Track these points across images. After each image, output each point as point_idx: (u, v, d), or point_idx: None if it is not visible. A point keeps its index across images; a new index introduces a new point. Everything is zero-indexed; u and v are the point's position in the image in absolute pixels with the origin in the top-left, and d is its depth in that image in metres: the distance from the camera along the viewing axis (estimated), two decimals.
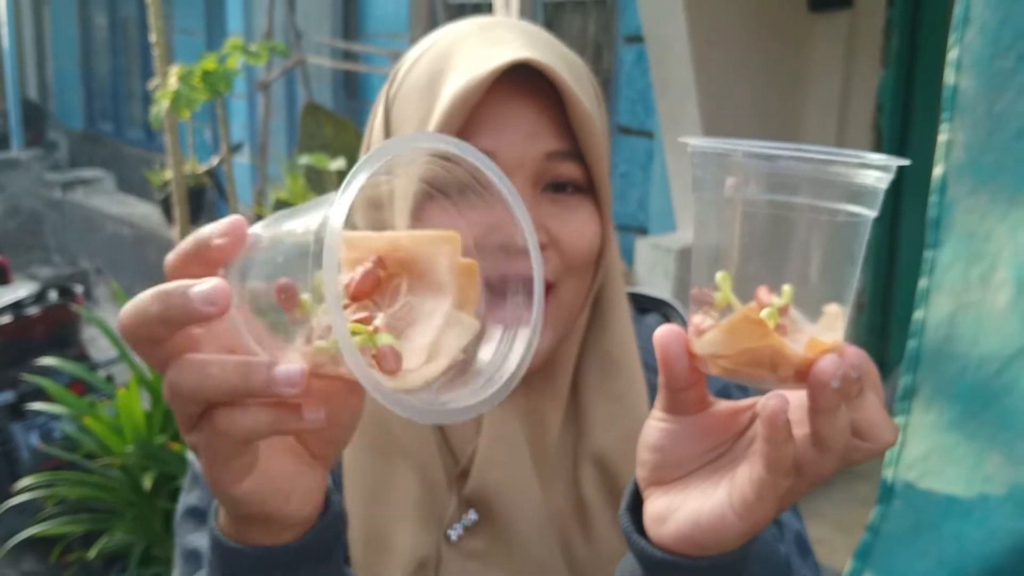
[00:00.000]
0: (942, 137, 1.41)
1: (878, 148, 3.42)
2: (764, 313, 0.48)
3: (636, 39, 4.07)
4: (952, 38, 1.38)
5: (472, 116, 0.69)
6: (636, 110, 4.26)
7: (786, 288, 0.49)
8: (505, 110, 0.70)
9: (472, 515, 0.72)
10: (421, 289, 0.46)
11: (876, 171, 0.49)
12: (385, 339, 0.43)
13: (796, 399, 0.49)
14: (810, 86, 3.37)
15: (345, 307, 0.44)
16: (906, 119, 3.43)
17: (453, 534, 0.72)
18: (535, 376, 0.75)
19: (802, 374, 0.48)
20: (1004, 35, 1.34)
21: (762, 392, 0.51)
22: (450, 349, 0.45)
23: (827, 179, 0.48)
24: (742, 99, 3.12)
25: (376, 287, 0.45)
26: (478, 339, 0.47)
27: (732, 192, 0.50)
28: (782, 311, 0.49)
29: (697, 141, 0.51)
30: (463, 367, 0.46)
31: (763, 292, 0.49)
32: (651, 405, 0.76)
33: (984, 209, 1.38)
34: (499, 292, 0.57)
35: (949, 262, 1.42)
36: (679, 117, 3.05)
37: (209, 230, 0.45)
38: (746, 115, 3.14)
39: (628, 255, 3.15)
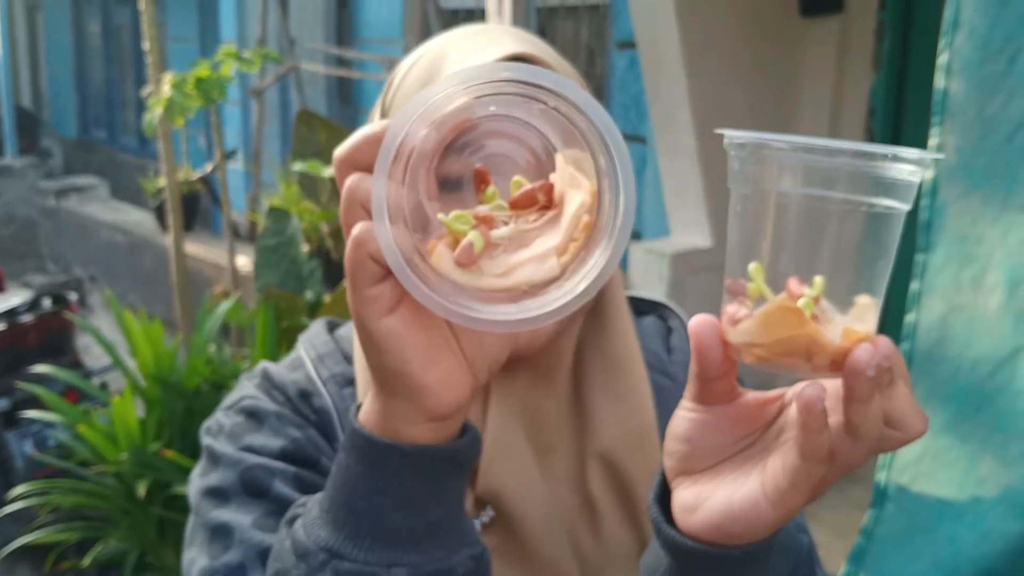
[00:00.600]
0: (933, 141, 1.41)
1: None
2: (801, 302, 0.49)
3: (629, 45, 4.08)
4: (942, 42, 1.38)
5: None
6: (629, 115, 4.27)
7: (817, 279, 0.49)
8: None
9: (489, 511, 0.73)
10: (550, 225, 0.50)
11: (911, 165, 0.49)
12: (473, 235, 0.48)
13: (830, 387, 0.50)
14: (802, 90, 3.39)
15: (502, 208, 0.50)
16: (898, 122, 3.44)
17: None
18: (533, 373, 0.75)
19: (837, 363, 0.49)
20: (994, 39, 1.34)
21: (790, 382, 0.52)
22: (530, 277, 0.49)
23: (862, 172, 0.49)
24: (735, 103, 3.13)
25: (530, 204, 0.50)
26: (551, 283, 0.49)
27: (767, 184, 0.50)
28: (814, 302, 0.49)
29: (734, 133, 0.52)
30: (522, 296, 0.49)
31: (793, 283, 0.50)
32: (655, 404, 0.77)
33: (975, 212, 1.38)
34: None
35: (941, 265, 1.42)
36: (672, 122, 3.06)
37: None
38: (739, 119, 3.15)
39: (622, 259, 3.15)
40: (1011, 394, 1.36)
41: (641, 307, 0.90)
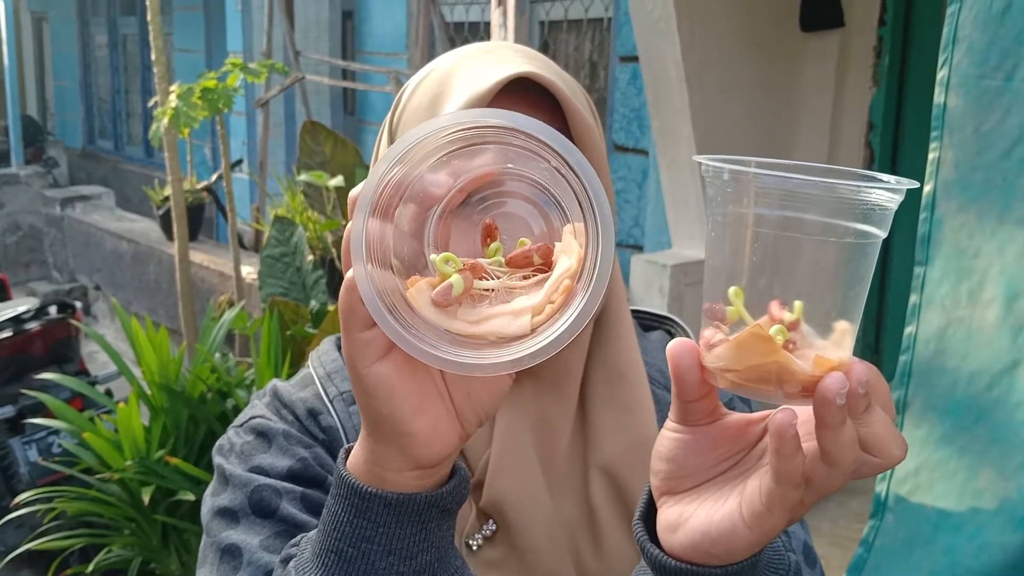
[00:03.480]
0: (932, 155, 1.43)
1: (870, 166, 3.46)
2: (772, 330, 0.49)
3: (631, 59, 4.11)
4: (941, 58, 1.40)
5: None
6: (631, 128, 4.29)
7: (797, 304, 0.50)
8: None
9: (491, 525, 0.73)
10: (538, 286, 0.52)
11: (887, 191, 0.50)
12: (455, 277, 0.49)
13: (806, 413, 0.50)
14: (802, 105, 3.41)
15: (500, 264, 0.52)
16: (897, 138, 3.46)
17: (473, 543, 0.73)
18: (543, 384, 0.76)
19: (809, 390, 0.49)
20: (992, 55, 1.37)
21: (771, 406, 0.52)
22: (501, 329, 0.50)
23: (838, 198, 0.49)
24: (735, 118, 3.15)
25: (526, 264, 0.52)
26: (519, 339, 0.50)
27: (743, 209, 0.51)
28: (792, 326, 0.50)
29: (708, 159, 0.52)
30: (488, 347, 0.50)
31: (775, 307, 0.50)
32: (658, 417, 0.77)
33: (973, 226, 1.40)
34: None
35: (939, 278, 1.44)
36: (673, 135, 3.08)
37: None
38: (739, 133, 3.17)
39: (623, 272, 3.17)
40: (1008, 406, 1.37)
41: (648, 321, 0.90)
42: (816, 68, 3.38)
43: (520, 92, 0.71)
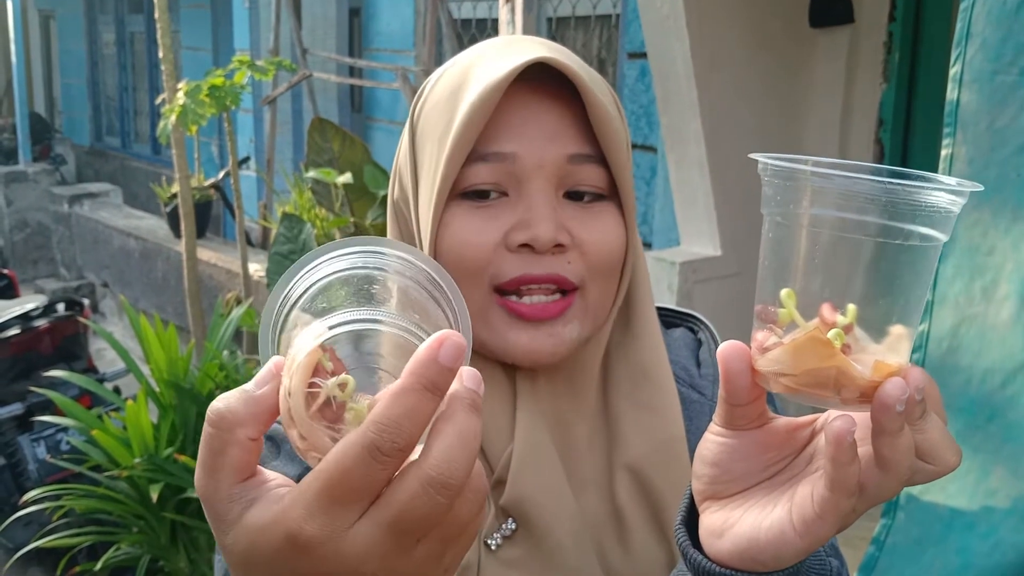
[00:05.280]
0: (944, 152, 1.42)
1: (880, 163, 3.44)
2: (831, 334, 0.48)
3: (639, 55, 4.10)
4: (954, 54, 1.39)
5: (493, 121, 0.70)
6: (639, 125, 4.28)
7: (851, 307, 0.48)
8: (526, 113, 0.71)
9: (511, 524, 0.72)
10: None
11: (950, 194, 0.48)
12: (343, 396, 0.43)
13: (860, 418, 0.49)
14: (812, 101, 3.39)
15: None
16: (907, 134, 3.45)
17: (492, 543, 0.72)
18: (561, 383, 0.75)
19: (866, 396, 0.48)
20: (1006, 51, 1.35)
21: (814, 410, 0.51)
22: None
23: (899, 200, 0.47)
24: (744, 114, 3.14)
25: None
26: None
27: (801, 210, 0.49)
28: (846, 330, 0.48)
29: (767, 158, 0.51)
30: None
31: (826, 309, 0.49)
32: (683, 416, 0.76)
33: (987, 223, 1.39)
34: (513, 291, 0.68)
35: (952, 276, 1.43)
36: (682, 132, 3.07)
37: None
38: (748, 130, 3.16)
39: None
40: (1022, 405, 1.36)
41: (671, 319, 0.89)
42: (825, 65, 3.36)
43: (538, 81, 0.70)
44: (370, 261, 0.46)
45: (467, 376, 0.42)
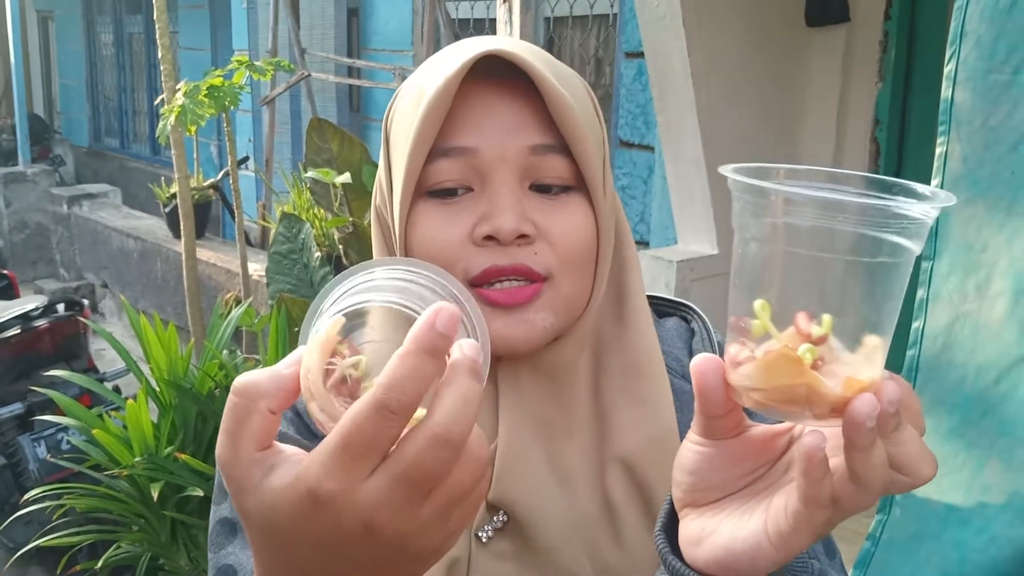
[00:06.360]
0: (939, 149, 1.43)
1: (876, 161, 3.45)
2: (801, 350, 0.47)
3: (637, 54, 4.11)
4: (948, 52, 1.40)
5: (454, 116, 0.70)
6: (637, 124, 4.29)
7: (826, 318, 0.48)
8: (485, 106, 0.70)
9: (502, 516, 0.72)
10: None
11: (924, 204, 0.48)
12: (357, 373, 0.48)
13: (833, 432, 0.49)
14: (808, 100, 3.40)
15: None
16: (903, 133, 3.46)
17: (483, 535, 0.72)
18: (543, 379, 0.75)
19: (838, 411, 0.48)
20: (999, 49, 1.36)
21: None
22: None
23: (872, 210, 0.47)
24: (741, 113, 3.15)
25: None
26: None
27: (771, 220, 0.49)
28: (820, 341, 0.48)
29: (735, 172, 0.50)
30: None
31: (802, 319, 0.48)
32: (677, 409, 0.76)
33: (981, 220, 1.40)
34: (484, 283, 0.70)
35: (946, 272, 1.44)
36: (679, 131, 3.08)
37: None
38: (745, 129, 3.17)
39: None
40: (1016, 401, 1.37)
41: (663, 308, 0.88)
42: (822, 63, 3.37)
43: (500, 75, 0.70)
44: (399, 275, 0.51)
45: (467, 346, 0.47)
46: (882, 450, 0.48)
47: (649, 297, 0.83)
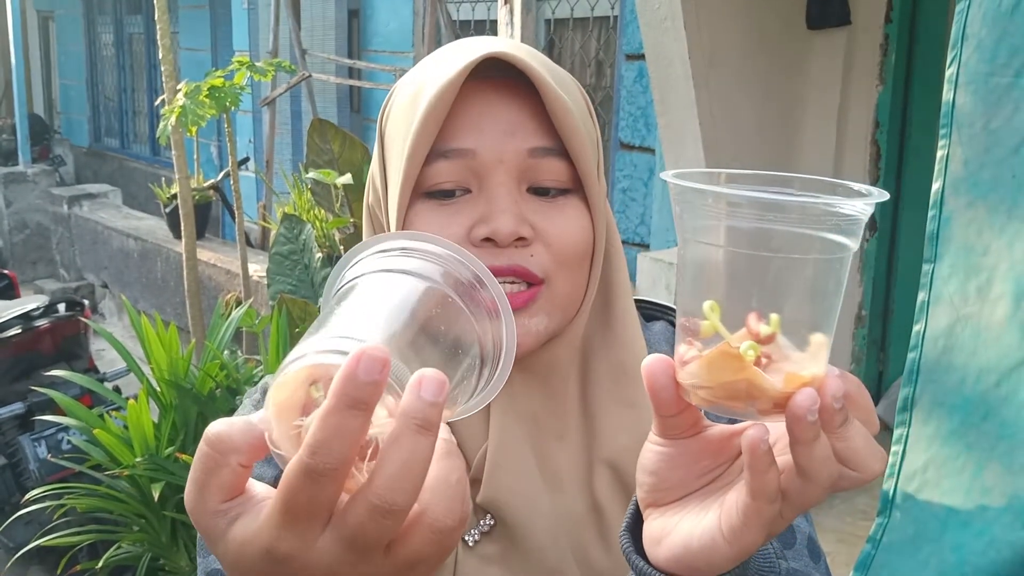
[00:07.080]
0: (940, 152, 1.43)
1: (877, 164, 3.46)
2: (743, 347, 0.49)
3: (637, 57, 4.12)
4: (950, 55, 1.40)
5: (453, 118, 0.70)
6: (637, 126, 4.30)
7: (774, 317, 0.49)
8: (483, 108, 0.70)
9: (489, 520, 0.73)
10: None
11: (859, 202, 0.49)
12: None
13: (782, 427, 0.50)
14: (808, 103, 3.41)
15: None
16: (904, 135, 3.46)
17: (470, 539, 0.72)
18: (535, 381, 0.75)
19: (781, 406, 0.49)
20: (1000, 52, 1.37)
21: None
22: None
23: (809, 209, 0.48)
24: (741, 115, 3.15)
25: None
26: None
27: (713, 223, 0.50)
28: (767, 340, 0.49)
29: (674, 177, 0.52)
30: None
31: (752, 319, 0.50)
32: None
33: (982, 223, 1.40)
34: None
35: (947, 275, 1.44)
36: (680, 134, 3.09)
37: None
38: (746, 131, 3.17)
39: (630, 269, 3.17)
40: (1017, 404, 1.37)
41: (650, 311, 0.88)
42: (822, 66, 3.38)
43: (499, 78, 0.70)
44: (410, 264, 0.49)
45: (426, 385, 0.41)
46: (826, 444, 0.49)
47: (636, 301, 0.83)
